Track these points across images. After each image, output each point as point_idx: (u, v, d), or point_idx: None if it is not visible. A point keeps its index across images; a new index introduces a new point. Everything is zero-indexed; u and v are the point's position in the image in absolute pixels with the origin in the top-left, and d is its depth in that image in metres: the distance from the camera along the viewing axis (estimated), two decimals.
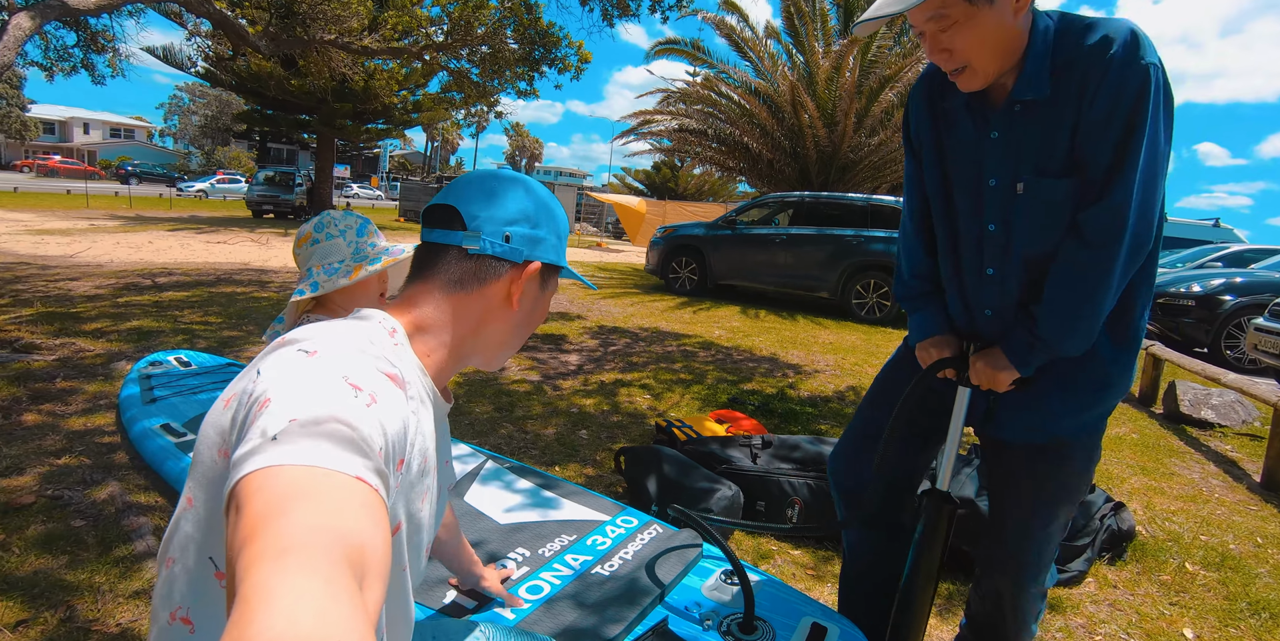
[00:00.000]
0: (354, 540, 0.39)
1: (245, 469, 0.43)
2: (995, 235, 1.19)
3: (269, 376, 0.51)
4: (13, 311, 4.71)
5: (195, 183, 31.47)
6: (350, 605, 0.35)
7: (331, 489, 0.42)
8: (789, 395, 4.09)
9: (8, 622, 1.56)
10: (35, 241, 9.26)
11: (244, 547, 0.37)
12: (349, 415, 0.48)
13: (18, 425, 2.71)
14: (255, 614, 0.32)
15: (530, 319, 0.80)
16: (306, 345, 0.55)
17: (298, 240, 1.52)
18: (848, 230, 7.71)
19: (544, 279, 0.80)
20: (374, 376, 0.55)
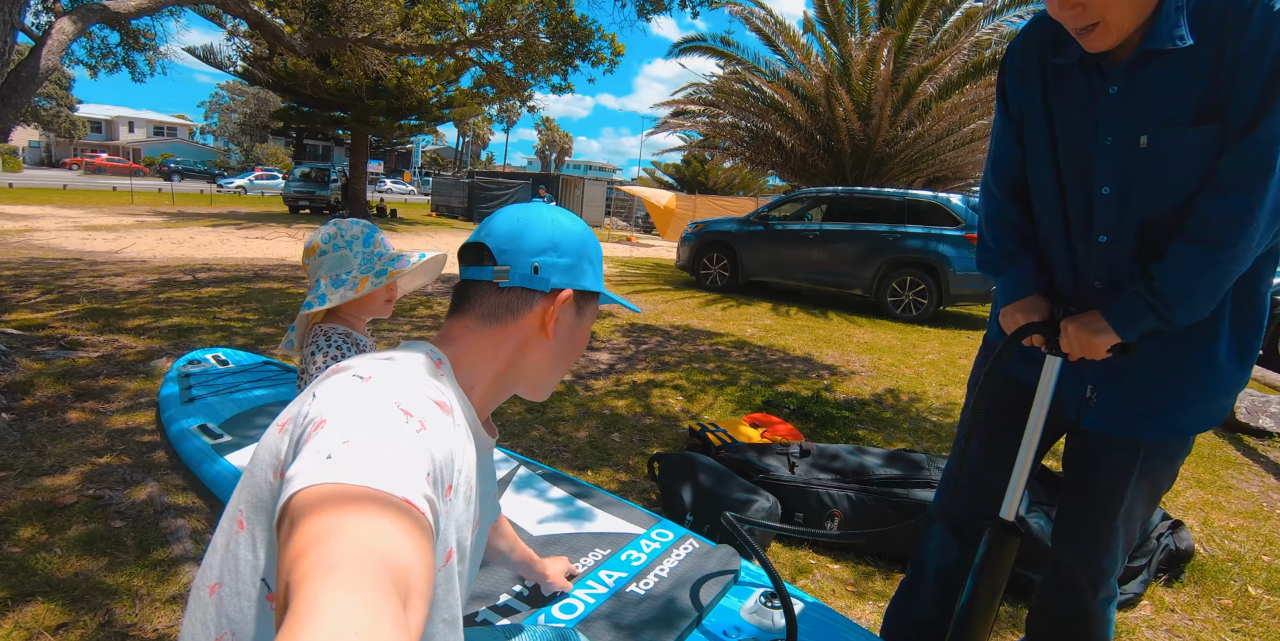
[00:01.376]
0: (399, 561, 0.40)
1: (298, 485, 0.44)
2: (1109, 198, 1.10)
3: (324, 400, 0.53)
4: (60, 308, 4.84)
5: (234, 179, 32.21)
6: (393, 624, 0.36)
7: (381, 509, 0.43)
8: (825, 398, 3.99)
9: (49, 626, 1.58)
10: (83, 237, 9.54)
11: (296, 562, 0.38)
12: (400, 439, 0.50)
13: (62, 422, 2.76)
14: (302, 627, 0.33)
15: (570, 347, 0.80)
16: (360, 371, 0.58)
17: (306, 250, 1.54)
18: (883, 226, 7.53)
19: (579, 306, 0.80)
20: (424, 403, 0.56)
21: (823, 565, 2.09)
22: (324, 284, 1.47)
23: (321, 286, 1.47)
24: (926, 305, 7.24)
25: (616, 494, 2.49)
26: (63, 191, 20.12)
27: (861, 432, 3.38)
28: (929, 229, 7.25)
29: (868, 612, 1.87)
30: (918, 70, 10.38)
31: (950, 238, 7.09)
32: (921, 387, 4.44)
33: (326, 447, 0.47)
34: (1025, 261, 1.25)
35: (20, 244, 8.43)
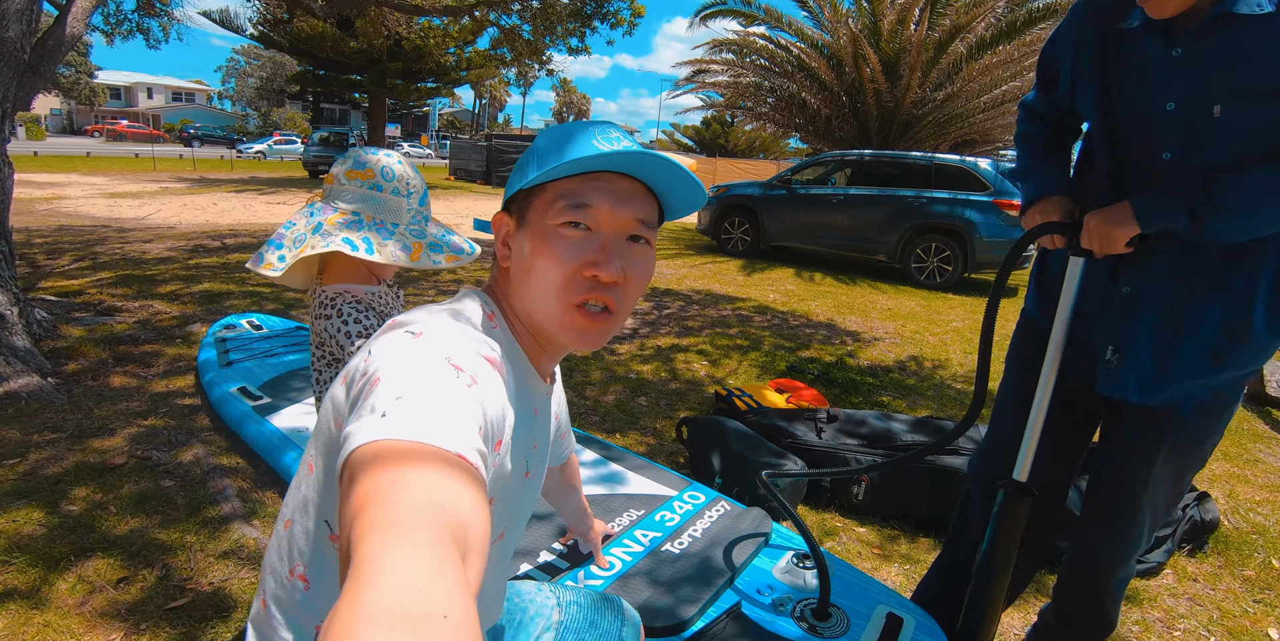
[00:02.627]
0: (457, 516, 0.41)
1: (356, 442, 0.45)
2: (1171, 164, 1.06)
3: (379, 356, 0.54)
4: (93, 275, 4.94)
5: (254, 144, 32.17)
6: (454, 578, 0.36)
7: (437, 464, 0.44)
8: (848, 364, 3.99)
9: (110, 579, 1.66)
10: (109, 204, 9.66)
11: (357, 518, 0.39)
12: (452, 394, 0.50)
13: (105, 387, 2.85)
14: (366, 583, 0.34)
15: (523, 266, 0.66)
16: (414, 328, 0.58)
17: (352, 169, 1.29)
18: (909, 191, 7.37)
19: (519, 217, 0.68)
20: (475, 359, 0.57)
21: (849, 528, 2.13)
22: (368, 224, 1.24)
23: (364, 225, 1.23)
24: (951, 272, 7.13)
25: (646, 457, 2.54)
26: (86, 159, 20.29)
27: (885, 399, 3.38)
28: (956, 194, 7.09)
29: (893, 574, 1.91)
30: (949, 29, 10.00)
31: (977, 203, 6.93)
32: (945, 355, 4.42)
33: (381, 405, 0.47)
34: (1051, 162, 1.23)
35: (49, 211, 8.56)
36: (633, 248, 0.67)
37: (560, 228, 0.64)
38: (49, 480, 2.10)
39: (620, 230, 0.66)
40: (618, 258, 0.64)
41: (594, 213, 0.64)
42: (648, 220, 0.68)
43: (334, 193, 1.30)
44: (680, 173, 0.65)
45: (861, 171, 7.95)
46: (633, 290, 0.67)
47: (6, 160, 3.20)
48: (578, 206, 0.63)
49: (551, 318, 0.65)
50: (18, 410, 2.55)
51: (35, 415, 2.52)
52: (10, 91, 3.14)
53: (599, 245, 0.64)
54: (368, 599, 0.33)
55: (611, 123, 0.70)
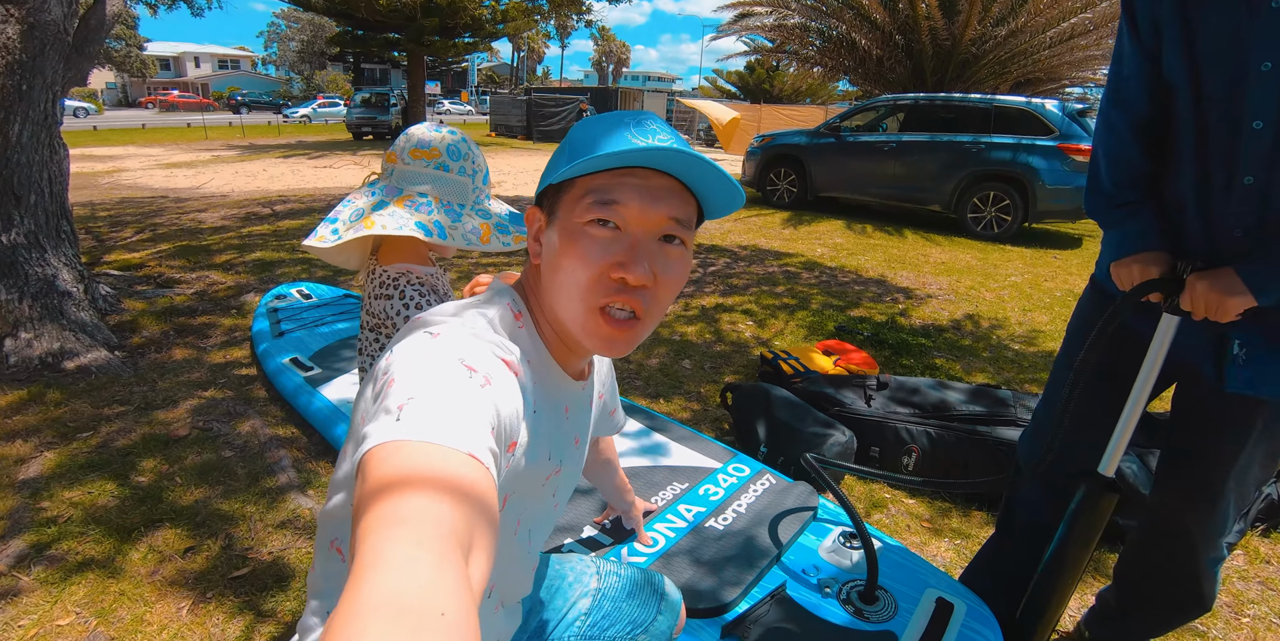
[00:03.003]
0: (463, 515, 0.41)
1: (370, 442, 0.46)
2: (1261, 134, 0.93)
3: (397, 357, 0.55)
4: (153, 246, 5.12)
5: (299, 108, 32.52)
6: (455, 577, 0.37)
7: (445, 464, 0.44)
8: (900, 324, 3.84)
9: (178, 549, 1.75)
10: (166, 175, 9.96)
11: (364, 514, 0.40)
12: (464, 395, 0.51)
13: (168, 359, 2.97)
14: (368, 579, 0.35)
15: (551, 263, 0.64)
16: (433, 328, 0.59)
17: (417, 148, 1.23)
18: (966, 136, 6.93)
19: (549, 213, 0.65)
20: (489, 360, 0.56)
21: (898, 500, 2.07)
22: (436, 206, 1.18)
23: (432, 208, 1.18)
24: (1010, 222, 6.75)
25: (690, 423, 2.51)
26: (142, 130, 20.89)
27: (939, 361, 3.26)
28: (1018, 139, 6.63)
29: (943, 550, 1.86)
30: None
31: (1041, 148, 6.47)
32: (1003, 313, 4.21)
33: (394, 405, 0.48)
34: (1146, 212, 1.09)
35: (111, 184, 8.87)
36: (665, 248, 0.63)
37: (588, 226, 0.61)
38: (119, 452, 2.20)
39: (652, 230, 0.62)
40: (647, 259, 0.61)
41: (623, 210, 0.61)
42: (683, 219, 0.63)
43: (398, 173, 1.25)
44: (716, 172, 0.61)
45: (915, 116, 7.50)
46: (663, 294, 0.64)
47: (61, 142, 3.27)
48: (606, 203, 0.60)
49: (575, 320, 0.63)
50: (89, 384, 2.67)
51: (105, 388, 2.65)
52: (57, 74, 3.18)
53: (628, 245, 0.61)
54: (370, 592, 0.34)
55: (650, 114, 0.65)
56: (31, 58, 3.04)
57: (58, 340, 2.90)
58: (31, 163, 3.12)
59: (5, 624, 1.51)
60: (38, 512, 1.89)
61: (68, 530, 1.82)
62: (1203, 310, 0.98)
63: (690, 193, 0.65)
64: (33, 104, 3.09)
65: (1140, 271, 1.07)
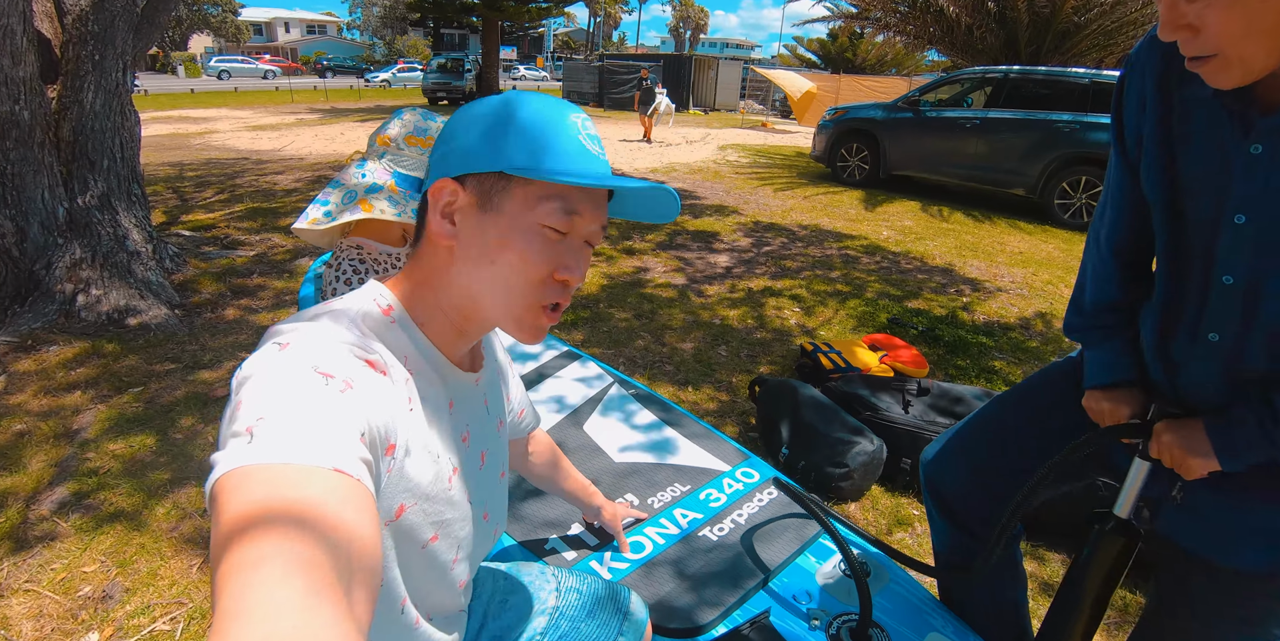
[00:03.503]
0: (333, 540, 0.38)
1: (218, 472, 0.42)
2: (1230, 290, 0.83)
3: (245, 375, 0.51)
4: (228, 208, 5.34)
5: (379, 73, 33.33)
6: (328, 611, 0.34)
7: (307, 485, 0.41)
8: (961, 319, 3.60)
9: (199, 508, 1.82)
10: (252, 137, 10.39)
11: (220, 556, 0.36)
12: (321, 405, 0.47)
13: (221, 319, 3.09)
14: (231, 629, 0.32)
15: (485, 253, 0.61)
16: (281, 337, 0.54)
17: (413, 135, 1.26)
18: (1061, 114, 6.36)
19: (481, 197, 0.61)
20: (348, 362, 0.53)
21: (925, 518, 1.93)
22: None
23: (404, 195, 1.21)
24: None
25: (714, 415, 2.43)
26: (235, 93, 21.87)
27: (998, 364, 3.02)
28: None
29: None
30: None
31: None
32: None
33: (243, 428, 0.44)
34: (1120, 340, 1.00)
35: (202, 145, 9.33)
36: (586, 250, 0.67)
37: (543, 228, 0.61)
38: (163, 408, 2.31)
39: (589, 236, 0.66)
40: (585, 262, 0.66)
41: (578, 221, 0.63)
42: (605, 226, 0.69)
43: (391, 157, 1.26)
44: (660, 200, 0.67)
45: (1004, 91, 6.94)
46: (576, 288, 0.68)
47: (131, 108, 3.41)
48: (569, 213, 0.62)
49: (508, 314, 0.64)
50: (146, 341, 2.81)
51: (160, 346, 2.78)
52: (128, 44, 3.29)
53: (574, 249, 0.64)
54: None
55: (573, 106, 0.66)
56: (103, 28, 3.16)
57: (124, 297, 3.06)
58: (104, 129, 3.26)
59: (40, 566, 1.61)
60: (83, 462, 2.01)
61: (106, 481, 1.92)
62: (1169, 462, 0.89)
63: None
64: (105, 73, 3.21)
65: (1111, 412, 0.99)
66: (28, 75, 2.82)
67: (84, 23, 3.15)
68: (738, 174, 8.54)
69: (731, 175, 8.38)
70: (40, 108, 2.93)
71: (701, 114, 20.78)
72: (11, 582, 1.56)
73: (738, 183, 7.81)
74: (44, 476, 1.94)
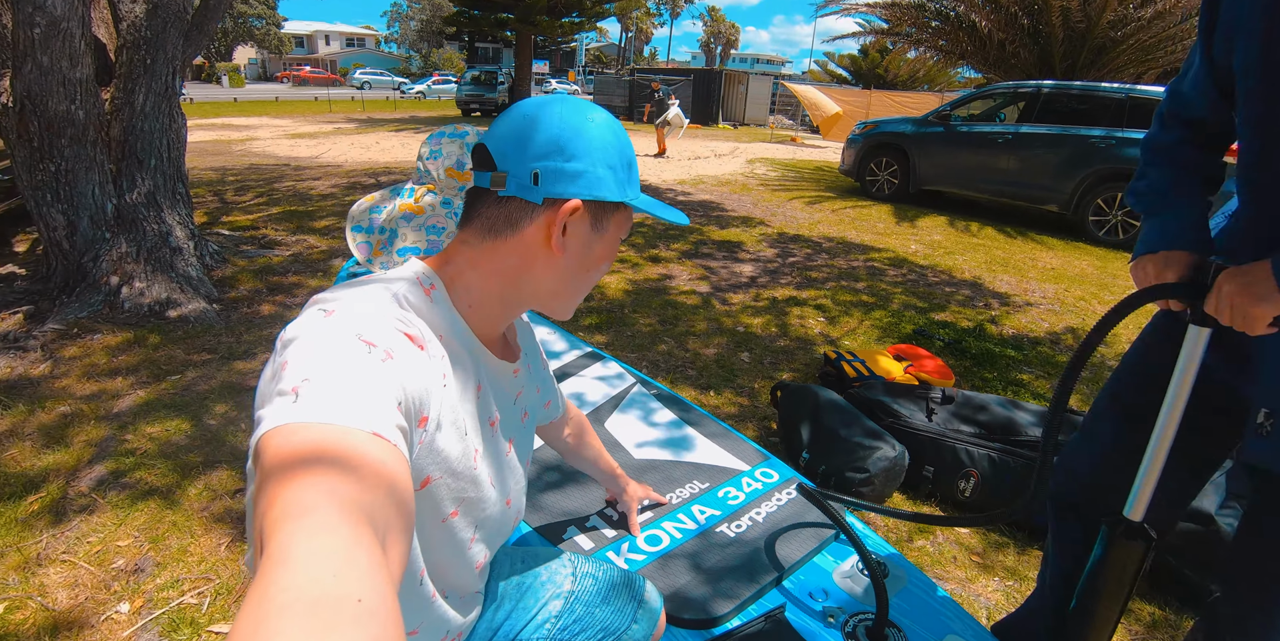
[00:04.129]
0: (372, 496, 0.40)
1: (264, 427, 0.44)
2: None
3: (291, 338, 0.53)
4: (266, 210, 5.50)
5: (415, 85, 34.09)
6: (369, 562, 0.36)
7: (348, 446, 0.43)
8: (988, 331, 3.55)
9: (229, 489, 1.87)
10: (291, 145, 10.69)
11: (269, 507, 0.38)
12: (363, 371, 0.49)
13: (256, 314, 3.18)
14: (277, 573, 0.33)
15: (585, 264, 0.71)
16: (326, 305, 0.57)
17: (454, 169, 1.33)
18: (1095, 129, 6.27)
19: (596, 218, 0.70)
20: (390, 334, 0.55)
21: (948, 527, 1.91)
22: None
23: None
24: (1138, 228, 6.08)
25: (735, 419, 2.43)
26: (275, 103, 22.53)
27: (1024, 377, 2.98)
28: None
29: (989, 590, 1.69)
30: None
31: None
32: (1114, 330, 3.80)
33: (289, 388, 0.46)
34: (1184, 201, 0.94)
35: (243, 151, 9.62)
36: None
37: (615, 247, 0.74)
38: (198, 396, 2.38)
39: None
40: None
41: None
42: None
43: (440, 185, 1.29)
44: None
45: (1037, 106, 6.87)
46: None
47: (179, 111, 3.54)
48: (626, 237, 0.80)
49: (569, 303, 0.74)
50: (185, 332, 2.91)
51: (198, 337, 2.87)
52: (178, 50, 3.44)
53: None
54: (278, 590, 0.33)
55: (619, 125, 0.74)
56: (155, 34, 3.30)
57: (166, 291, 3.17)
58: (153, 130, 3.40)
59: (77, 539, 1.68)
60: (121, 443, 2.08)
61: (142, 461, 1.99)
62: (1228, 316, 0.81)
63: None
64: (155, 76, 3.35)
65: (1156, 272, 0.91)
66: (84, 77, 2.96)
67: (137, 29, 3.29)
68: (765, 187, 8.55)
69: (759, 188, 8.40)
70: (94, 108, 3.06)
71: (731, 128, 20.85)
72: (50, 552, 1.62)
73: (765, 195, 7.82)
74: (84, 455, 2.01)
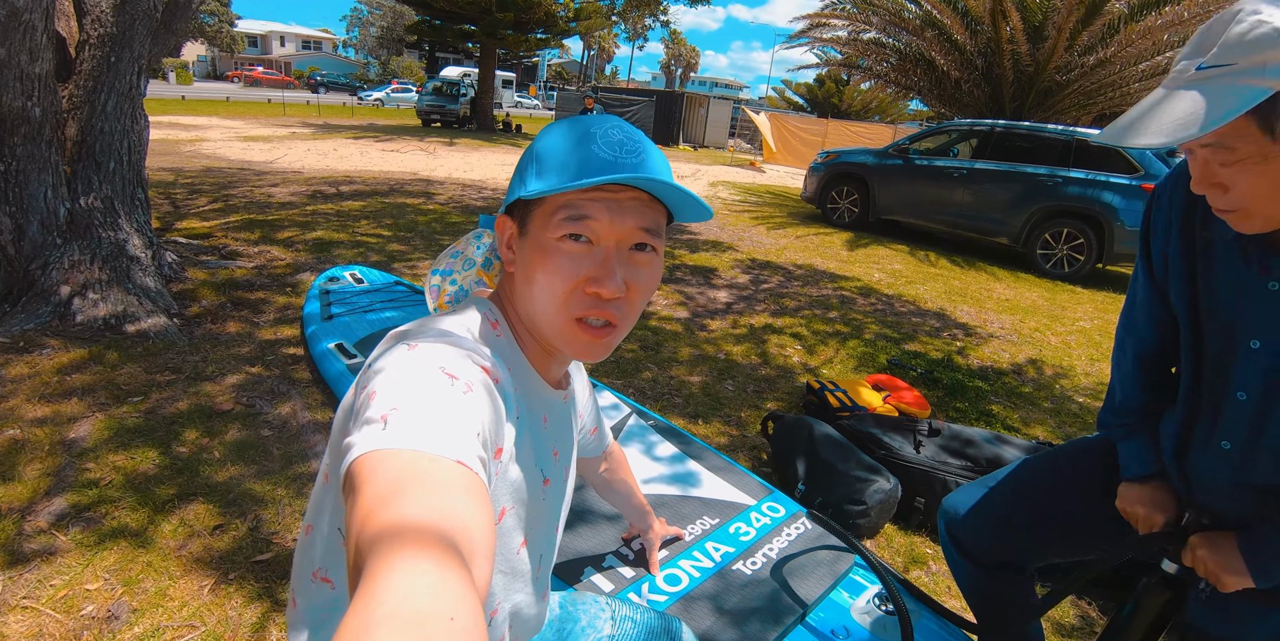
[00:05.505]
0: (461, 522, 0.41)
1: (355, 453, 0.45)
2: (1245, 406, 0.90)
3: (377, 369, 0.55)
4: (223, 217, 5.28)
5: (373, 92, 33.51)
6: (460, 582, 0.37)
7: (436, 473, 0.44)
8: (957, 363, 3.68)
9: (207, 526, 1.76)
10: (243, 148, 10.32)
11: (363, 528, 0.40)
12: (447, 402, 0.50)
13: (221, 331, 3.03)
14: (375, 590, 0.35)
15: (526, 274, 0.65)
16: (410, 339, 0.58)
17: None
18: (1042, 168, 6.65)
19: (520, 225, 0.66)
20: (469, 368, 0.56)
21: (939, 556, 1.96)
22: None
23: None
24: (1083, 262, 6.43)
25: (726, 449, 2.44)
26: (226, 103, 21.77)
27: (995, 408, 3.10)
28: (1097, 175, 6.32)
29: None
30: None
31: (1122, 187, 6.15)
32: (1068, 361, 4.00)
33: (378, 416, 0.48)
34: (1145, 436, 1.07)
35: (192, 152, 9.24)
36: (635, 257, 0.65)
37: (560, 241, 0.62)
38: (165, 420, 2.25)
39: (622, 241, 0.64)
40: (619, 271, 0.63)
41: (594, 225, 0.62)
42: (652, 228, 0.65)
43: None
44: (680, 193, 0.63)
45: (989, 143, 7.23)
46: (637, 301, 0.66)
47: (142, 112, 3.39)
48: (577, 219, 0.62)
49: (554, 329, 0.65)
50: (145, 349, 2.75)
51: (159, 355, 2.72)
52: (145, 48, 3.30)
53: (600, 259, 0.63)
54: (377, 605, 0.34)
55: (614, 120, 0.66)
56: (122, 31, 3.16)
57: (121, 303, 2.99)
58: (114, 131, 3.24)
59: (39, 582, 1.54)
60: (81, 473, 1.94)
61: (107, 494, 1.86)
62: (1201, 573, 0.93)
63: (658, 200, 0.66)
64: (119, 75, 3.20)
65: (1145, 518, 1.02)
66: (44, 72, 2.80)
67: (103, 24, 3.14)
68: (731, 210, 8.70)
69: (724, 211, 8.54)
70: (52, 106, 2.90)
71: (691, 150, 21.18)
72: (8, 598, 1.49)
73: (731, 219, 7.95)
74: (40, 486, 1.87)
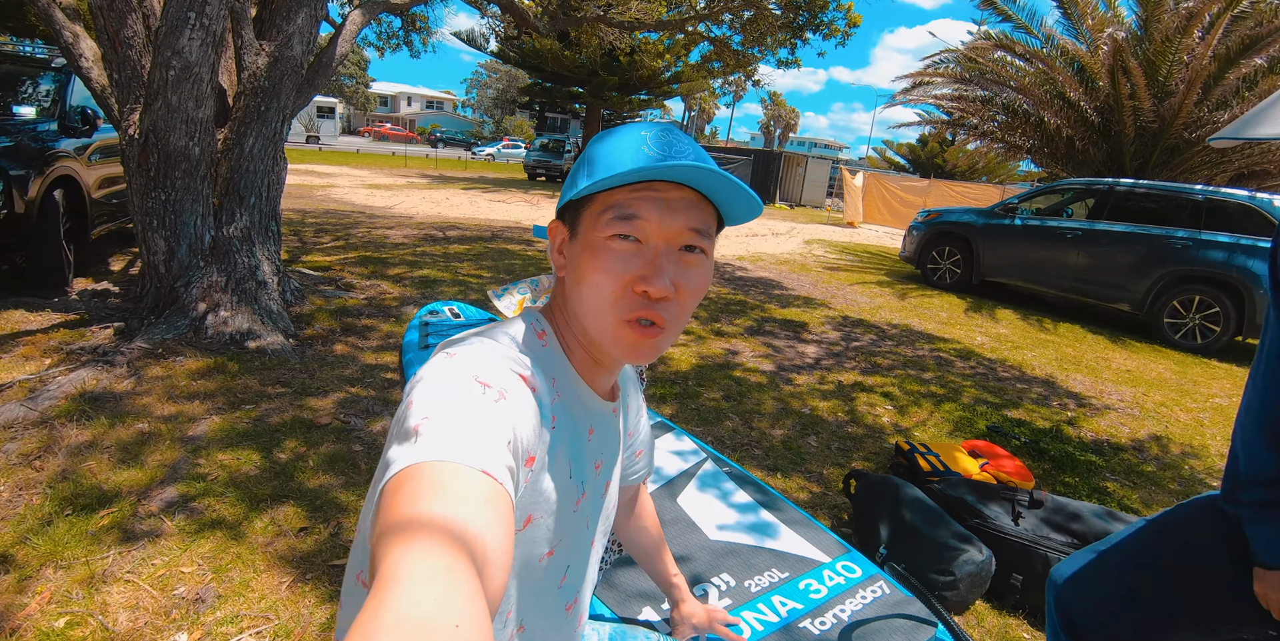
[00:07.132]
0: (475, 530, 0.42)
1: (393, 469, 0.47)
2: None
3: (419, 377, 0.56)
4: (343, 253, 5.75)
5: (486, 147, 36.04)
6: (468, 591, 0.38)
7: (458, 482, 0.45)
8: (1067, 434, 3.38)
9: (294, 527, 1.85)
10: (367, 194, 11.28)
11: (381, 535, 0.42)
12: (477, 411, 0.52)
13: (330, 352, 3.25)
14: (384, 595, 0.36)
15: (576, 276, 0.65)
16: (451, 348, 0.60)
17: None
18: (1171, 230, 6.16)
19: (571, 227, 0.67)
20: (505, 375, 0.57)
21: (1039, 639, 1.75)
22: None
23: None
24: (1219, 333, 5.83)
25: (806, 505, 2.33)
26: (356, 155, 24.02)
27: (1111, 486, 2.80)
28: (1236, 238, 5.79)
29: None
30: (1243, 39, 8.18)
31: (1265, 251, 5.58)
32: (1200, 440, 3.58)
33: (412, 428, 0.49)
34: None
35: (323, 197, 10.19)
36: (685, 258, 0.64)
37: (609, 240, 0.62)
38: (270, 428, 2.41)
39: (671, 241, 0.63)
40: (669, 271, 0.62)
41: (643, 224, 0.62)
42: (702, 229, 0.64)
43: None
44: (731, 184, 0.61)
45: (1108, 203, 6.80)
46: (685, 303, 0.65)
47: (282, 156, 3.79)
48: (626, 218, 0.62)
49: (603, 330, 0.64)
50: (262, 363, 2.98)
51: (274, 369, 2.94)
52: (290, 100, 3.72)
53: (649, 259, 0.62)
54: (385, 610, 0.35)
55: (666, 124, 0.66)
56: (273, 84, 3.59)
57: (247, 322, 3.28)
58: (257, 170, 3.63)
59: (143, 560, 1.67)
60: (193, 467, 2.10)
61: (212, 488, 2.00)
62: None
63: (708, 201, 0.65)
64: (266, 122, 3.62)
65: None
66: (205, 117, 3.20)
67: (257, 78, 3.58)
68: (825, 268, 8.58)
69: (819, 269, 8.42)
70: (209, 146, 3.30)
71: (787, 208, 21.23)
72: (115, 570, 1.61)
73: (824, 276, 7.82)
74: (157, 475, 2.04)
